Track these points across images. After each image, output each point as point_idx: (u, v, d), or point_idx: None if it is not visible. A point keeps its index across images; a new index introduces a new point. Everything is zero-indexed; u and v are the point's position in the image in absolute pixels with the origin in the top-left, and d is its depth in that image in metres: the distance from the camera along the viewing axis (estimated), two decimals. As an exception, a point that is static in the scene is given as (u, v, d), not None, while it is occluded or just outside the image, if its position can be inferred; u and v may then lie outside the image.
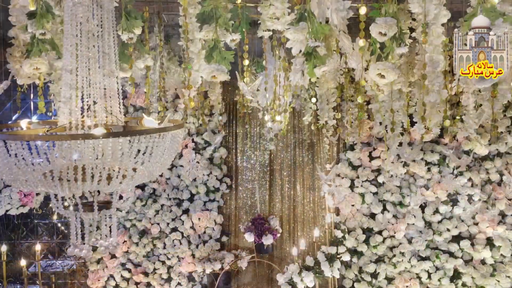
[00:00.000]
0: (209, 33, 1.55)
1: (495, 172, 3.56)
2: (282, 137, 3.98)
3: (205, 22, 1.54)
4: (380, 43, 1.67)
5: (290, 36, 1.52)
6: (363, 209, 3.75)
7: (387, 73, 1.48)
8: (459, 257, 3.61)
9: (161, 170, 1.53)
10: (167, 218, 4.00)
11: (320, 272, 3.47)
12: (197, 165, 3.76)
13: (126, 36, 1.64)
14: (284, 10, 1.65)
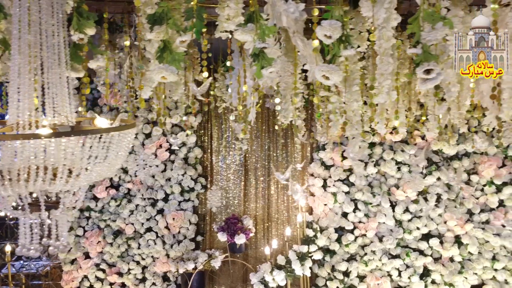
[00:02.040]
0: (160, 34, 1.57)
1: (463, 172, 3.64)
2: (257, 137, 4.01)
3: (156, 23, 1.56)
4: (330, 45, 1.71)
5: (238, 37, 1.55)
6: (336, 208, 3.80)
7: (331, 74, 1.51)
8: (429, 255, 3.68)
9: (110, 170, 1.54)
10: (142, 218, 4.00)
11: (291, 271, 3.50)
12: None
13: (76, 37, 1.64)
14: (238, 11, 1.68)
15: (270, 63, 1.56)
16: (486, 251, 3.61)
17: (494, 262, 3.60)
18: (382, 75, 1.70)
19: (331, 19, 1.51)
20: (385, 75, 1.69)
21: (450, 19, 1.54)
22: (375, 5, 1.68)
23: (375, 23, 1.66)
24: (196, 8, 1.72)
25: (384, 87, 1.70)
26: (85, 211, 4.09)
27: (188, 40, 1.63)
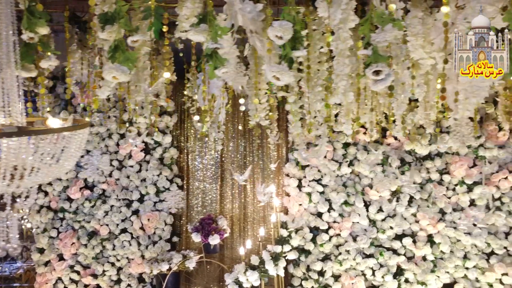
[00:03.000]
0: (112, 33, 1.56)
1: (435, 172, 3.68)
2: (233, 138, 4.00)
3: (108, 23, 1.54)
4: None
5: (191, 38, 1.54)
6: (310, 208, 3.81)
7: (282, 75, 1.52)
8: (402, 254, 3.71)
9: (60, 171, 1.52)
10: (117, 219, 3.97)
11: (264, 271, 3.50)
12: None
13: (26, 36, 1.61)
14: (194, 10, 1.67)
15: (223, 63, 1.55)
16: (457, 250, 3.66)
17: (465, 261, 3.65)
18: (338, 76, 1.71)
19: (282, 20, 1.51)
20: (340, 76, 1.70)
21: (399, 21, 1.55)
22: (332, 6, 1.68)
23: (331, 24, 1.66)
24: (154, 7, 1.71)
25: (339, 88, 1.71)
26: (59, 212, 4.04)
27: (141, 40, 1.62)
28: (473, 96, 1.74)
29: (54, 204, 4.04)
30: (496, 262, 3.59)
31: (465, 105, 1.82)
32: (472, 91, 1.72)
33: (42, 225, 4.03)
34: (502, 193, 3.61)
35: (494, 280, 3.60)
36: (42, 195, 4.02)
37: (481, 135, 3.59)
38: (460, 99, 1.82)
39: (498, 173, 3.59)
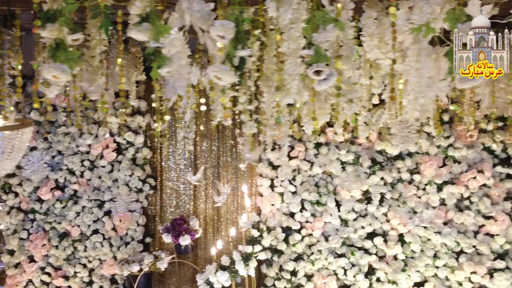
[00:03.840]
0: (53, 32, 1.53)
1: (406, 171, 3.71)
2: (206, 137, 3.98)
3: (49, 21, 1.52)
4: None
5: (134, 37, 1.53)
6: (283, 208, 3.82)
7: (223, 75, 1.51)
8: (373, 253, 3.73)
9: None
10: (88, 220, 3.92)
11: (235, 271, 3.49)
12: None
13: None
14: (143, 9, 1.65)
15: (165, 63, 1.54)
16: (428, 249, 3.69)
17: (435, 260, 3.68)
18: (291, 76, 1.71)
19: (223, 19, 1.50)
20: (293, 75, 1.70)
21: (341, 21, 1.56)
22: (282, 5, 1.68)
23: (280, 24, 1.66)
24: (103, 6, 1.69)
25: (292, 88, 1.71)
26: (29, 213, 3.98)
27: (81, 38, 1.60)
28: (422, 97, 1.75)
29: (25, 205, 3.98)
30: (465, 261, 3.63)
31: (414, 105, 1.83)
32: (420, 91, 1.73)
33: (12, 227, 3.97)
34: (471, 193, 3.65)
35: (463, 278, 3.64)
36: (12, 196, 3.97)
37: (450, 135, 3.63)
38: (411, 99, 1.83)
39: (467, 172, 3.63)
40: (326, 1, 1.69)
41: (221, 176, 3.98)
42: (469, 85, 1.49)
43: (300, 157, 3.73)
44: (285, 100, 1.73)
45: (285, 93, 1.72)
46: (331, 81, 1.52)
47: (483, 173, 3.60)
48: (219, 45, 1.64)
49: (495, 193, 3.63)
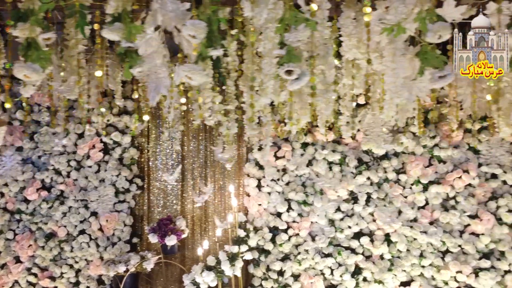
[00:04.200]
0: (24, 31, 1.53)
1: (392, 171, 3.72)
2: (194, 137, 3.98)
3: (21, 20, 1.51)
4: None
5: (106, 36, 1.52)
6: (270, 208, 3.82)
7: (193, 75, 1.51)
8: (360, 253, 3.74)
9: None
10: (75, 220, 3.91)
11: (221, 271, 3.49)
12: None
13: None
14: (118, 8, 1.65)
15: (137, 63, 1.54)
16: (414, 248, 3.70)
17: (421, 259, 3.69)
18: (267, 76, 1.71)
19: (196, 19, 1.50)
20: (268, 75, 1.70)
21: (313, 21, 1.56)
22: (258, 5, 1.68)
23: (255, 24, 1.66)
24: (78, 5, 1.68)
25: (268, 88, 1.71)
26: (15, 214, 3.96)
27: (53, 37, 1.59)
28: (397, 97, 1.76)
29: (11, 206, 3.96)
30: (451, 260, 3.64)
31: (390, 106, 1.84)
32: (395, 92, 1.74)
33: None
34: (456, 192, 3.67)
35: (449, 278, 3.65)
36: (-2, 196, 3.95)
37: (436, 135, 3.65)
38: (387, 99, 1.84)
39: (453, 172, 3.65)
40: (302, 1, 1.69)
41: (209, 176, 3.98)
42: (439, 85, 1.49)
43: (287, 157, 3.74)
44: (261, 100, 1.73)
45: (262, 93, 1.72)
46: (303, 81, 1.52)
47: (468, 173, 3.62)
48: (194, 45, 1.64)
49: (480, 192, 3.65)
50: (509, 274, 3.61)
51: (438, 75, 1.44)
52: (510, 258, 3.59)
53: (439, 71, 1.44)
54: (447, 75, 1.43)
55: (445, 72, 1.43)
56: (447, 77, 1.44)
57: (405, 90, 1.70)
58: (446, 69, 1.44)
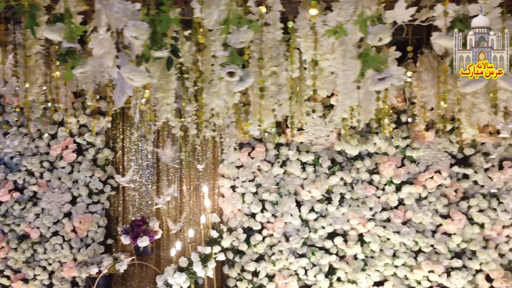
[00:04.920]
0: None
1: (365, 172, 3.73)
2: (169, 138, 3.96)
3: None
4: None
5: (48, 36, 1.51)
6: (244, 209, 3.81)
7: (134, 76, 1.50)
8: (334, 253, 3.75)
9: None
10: (48, 222, 3.87)
11: (193, 272, 3.48)
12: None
13: None
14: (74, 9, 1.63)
15: (78, 63, 1.52)
16: (387, 248, 3.72)
17: (394, 259, 3.72)
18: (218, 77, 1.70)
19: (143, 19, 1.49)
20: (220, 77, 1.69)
21: (256, 22, 1.56)
22: (209, 6, 1.67)
23: (206, 25, 1.66)
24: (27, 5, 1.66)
25: (221, 89, 1.71)
26: (-13, 216, 3.92)
27: None
28: (348, 98, 1.76)
29: None
30: (424, 260, 3.67)
31: (342, 107, 1.84)
32: (346, 93, 1.74)
33: None
34: (428, 192, 3.70)
35: (421, 277, 3.68)
36: (-30, 198, 3.90)
37: (408, 135, 3.67)
38: (339, 101, 1.84)
39: (425, 172, 3.67)
40: (252, 2, 1.69)
41: (184, 176, 3.97)
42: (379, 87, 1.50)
43: (261, 157, 3.74)
44: (214, 101, 1.73)
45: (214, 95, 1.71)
46: (247, 82, 1.52)
47: (440, 173, 3.65)
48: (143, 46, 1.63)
49: (451, 192, 3.68)
50: (480, 274, 3.65)
51: (377, 77, 1.44)
52: (481, 258, 3.63)
53: (378, 73, 1.44)
54: (386, 77, 1.44)
55: (384, 74, 1.44)
56: (386, 79, 1.44)
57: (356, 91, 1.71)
58: (386, 72, 1.44)
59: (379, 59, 1.45)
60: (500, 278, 3.62)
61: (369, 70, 1.49)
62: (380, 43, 1.42)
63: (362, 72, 1.47)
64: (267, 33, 1.80)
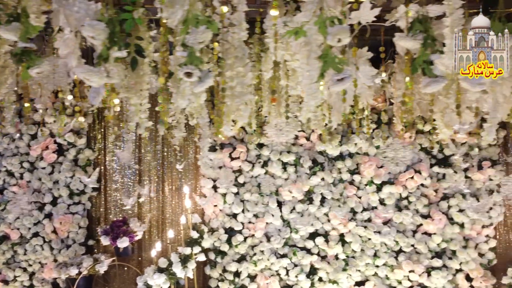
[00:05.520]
0: None
1: (346, 172, 3.74)
2: (151, 139, 3.94)
3: None
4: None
5: (4, 36, 1.49)
6: (226, 209, 3.81)
7: (90, 76, 1.49)
8: (315, 253, 3.75)
9: None
10: (28, 223, 3.84)
11: (172, 273, 3.46)
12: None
13: None
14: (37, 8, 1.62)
15: (35, 63, 1.51)
16: (368, 248, 3.73)
17: (375, 259, 3.72)
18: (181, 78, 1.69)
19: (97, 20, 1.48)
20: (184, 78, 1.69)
21: (215, 22, 1.55)
22: (173, 6, 1.66)
23: (170, 25, 1.65)
24: (-11, 4, 1.65)
25: (185, 89, 1.70)
26: (-34, 217, 3.88)
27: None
28: (312, 99, 1.76)
29: None
30: (404, 260, 3.68)
31: (307, 107, 1.84)
32: (311, 93, 1.74)
33: None
34: (409, 192, 3.71)
35: (402, 277, 3.69)
36: (-51, 198, 3.86)
37: (389, 136, 3.68)
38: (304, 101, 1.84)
39: (405, 173, 3.68)
40: (217, 2, 1.68)
41: (166, 177, 3.96)
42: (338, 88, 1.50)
43: (242, 158, 3.73)
44: (178, 102, 1.72)
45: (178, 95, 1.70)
46: (207, 83, 1.52)
47: (420, 173, 3.66)
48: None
49: (432, 193, 3.70)
50: (460, 273, 3.67)
51: (336, 78, 1.44)
52: (461, 257, 3.65)
53: (337, 74, 1.44)
54: (344, 78, 1.44)
55: (342, 75, 1.44)
56: (345, 80, 1.44)
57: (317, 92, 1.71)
58: (345, 72, 1.44)
59: (338, 59, 1.45)
60: (479, 278, 3.64)
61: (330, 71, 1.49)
62: (340, 44, 1.42)
63: (322, 72, 1.47)
64: (233, 33, 1.79)
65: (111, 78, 1.55)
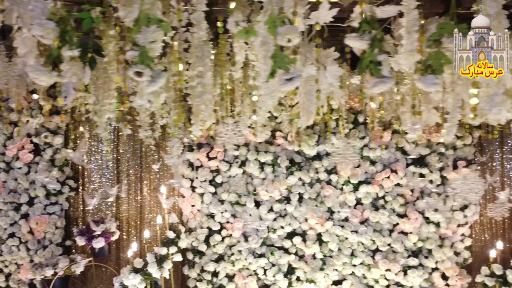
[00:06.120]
0: None
1: (324, 172, 3.75)
2: (129, 139, 3.93)
3: None
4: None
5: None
6: (204, 209, 3.80)
7: (39, 75, 1.48)
8: (293, 253, 3.76)
9: None
10: (4, 223, 3.81)
11: (148, 274, 3.45)
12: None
13: None
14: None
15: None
16: (345, 247, 3.75)
17: (352, 258, 3.74)
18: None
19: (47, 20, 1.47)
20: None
21: (167, 22, 1.55)
22: (131, 5, 1.66)
23: (127, 24, 1.65)
24: None
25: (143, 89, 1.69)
26: None
27: None
28: (270, 98, 1.77)
29: None
30: (381, 259, 3.70)
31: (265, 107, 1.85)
32: (267, 93, 1.75)
33: None
34: (385, 192, 3.73)
35: (379, 276, 3.71)
36: None
37: (365, 136, 3.70)
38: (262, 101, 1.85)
39: (381, 172, 3.71)
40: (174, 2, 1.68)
41: (144, 177, 3.95)
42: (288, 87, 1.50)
43: (219, 157, 3.73)
44: (137, 102, 1.72)
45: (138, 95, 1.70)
46: (159, 83, 1.51)
47: (396, 173, 3.69)
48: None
49: (408, 192, 3.72)
50: (436, 272, 3.70)
51: (285, 78, 1.45)
52: (437, 256, 3.68)
53: (286, 73, 1.45)
54: (293, 77, 1.45)
55: (291, 75, 1.44)
56: (294, 79, 1.45)
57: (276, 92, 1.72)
58: (294, 72, 1.45)
59: (288, 59, 1.46)
60: (455, 276, 3.68)
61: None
62: (290, 44, 1.43)
63: (272, 72, 1.47)
64: (193, 33, 1.79)
65: (62, 77, 1.54)
